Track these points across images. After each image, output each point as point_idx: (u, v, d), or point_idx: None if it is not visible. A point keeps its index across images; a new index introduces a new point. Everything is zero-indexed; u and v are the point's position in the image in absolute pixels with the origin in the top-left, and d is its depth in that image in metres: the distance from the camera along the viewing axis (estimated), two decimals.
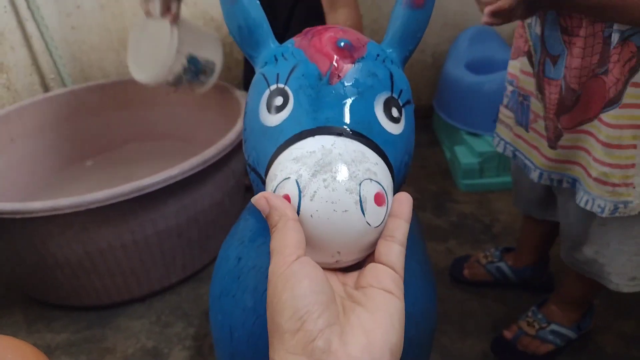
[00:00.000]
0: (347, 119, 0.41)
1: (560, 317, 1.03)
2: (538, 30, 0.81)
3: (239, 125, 1.25)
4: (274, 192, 0.37)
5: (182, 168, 1.09)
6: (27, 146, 1.51)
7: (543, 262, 1.18)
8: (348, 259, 0.37)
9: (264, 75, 0.45)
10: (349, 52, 0.43)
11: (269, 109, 0.43)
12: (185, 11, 1.76)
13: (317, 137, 0.39)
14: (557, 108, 0.83)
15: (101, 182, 1.59)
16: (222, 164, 1.20)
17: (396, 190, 0.43)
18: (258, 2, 0.47)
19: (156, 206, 1.12)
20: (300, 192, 0.35)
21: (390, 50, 0.48)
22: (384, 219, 0.37)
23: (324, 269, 0.35)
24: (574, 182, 0.87)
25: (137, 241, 1.15)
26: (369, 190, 0.36)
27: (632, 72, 0.71)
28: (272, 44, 0.48)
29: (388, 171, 0.39)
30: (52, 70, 1.75)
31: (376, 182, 0.36)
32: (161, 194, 1.10)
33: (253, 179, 0.47)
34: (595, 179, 0.78)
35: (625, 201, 0.77)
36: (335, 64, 0.42)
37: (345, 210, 0.35)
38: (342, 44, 0.43)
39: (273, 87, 0.43)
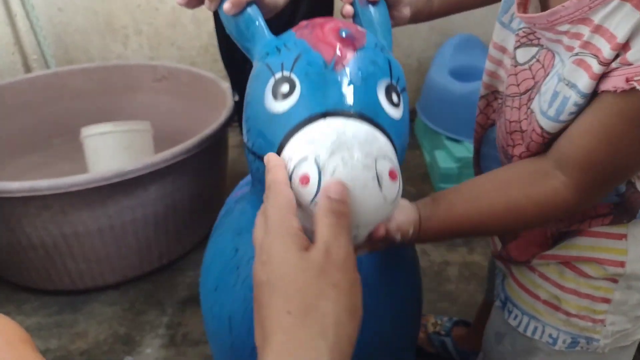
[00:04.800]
0: (354, 103, 0.42)
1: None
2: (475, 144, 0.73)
3: (223, 117, 1.25)
4: (292, 173, 0.38)
5: (164, 156, 1.09)
6: (5, 125, 1.48)
7: None
8: (365, 232, 0.40)
9: (267, 65, 0.46)
10: (351, 41, 0.44)
11: (275, 96, 0.44)
12: None
13: (327, 119, 0.40)
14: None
15: (80, 165, 1.58)
16: (204, 154, 1.20)
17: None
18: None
19: (136, 193, 1.12)
20: (319, 170, 0.37)
21: (377, 35, 0.51)
22: (397, 193, 0.39)
23: None
24: (505, 299, 0.68)
25: (114, 227, 1.14)
26: (384, 167, 0.38)
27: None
28: (268, 35, 0.50)
29: (395, 152, 0.42)
30: (36, 50, 1.73)
31: (389, 159, 0.39)
32: (142, 180, 1.10)
33: (255, 166, 0.48)
34: (545, 302, 0.62)
35: (588, 337, 0.62)
36: (339, 53, 0.44)
37: (364, 186, 0.37)
38: (344, 34, 0.44)
39: (278, 75, 0.44)
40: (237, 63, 1.33)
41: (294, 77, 0.43)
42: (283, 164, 0.39)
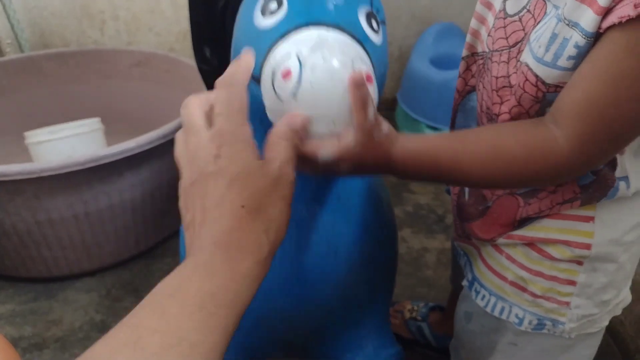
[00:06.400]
0: (336, 17, 0.45)
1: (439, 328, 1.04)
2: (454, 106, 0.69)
3: None
4: (274, 70, 0.41)
5: (139, 141, 1.08)
6: None
7: None
8: (340, 129, 0.42)
9: None
10: None
11: (263, 13, 0.46)
12: None
13: (311, 27, 0.43)
14: (460, 210, 0.68)
15: None
16: None
17: (376, 100, 0.47)
18: None
19: (111, 179, 1.10)
20: (301, 64, 0.40)
21: None
22: (374, 96, 0.42)
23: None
24: (473, 280, 0.68)
25: (90, 213, 1.13)
26: (361, 69, 0.40)
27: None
28: None
29: (373, 72, 0.44)
30: (9, 35, 1.69)
31: (367, 64, 0.42)
32: (117, 166, 1.08)
33: None
34: (512, 283, 0.62)
35: (554, 319, 0.61)
36: None
37: (341, 81, 0.40)
38: None
39: None
40: (216, 20, 1.29)
41: None
42: (246, 64, 0.41)
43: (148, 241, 1.29)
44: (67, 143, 1.32)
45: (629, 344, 1.06)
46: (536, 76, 0.47)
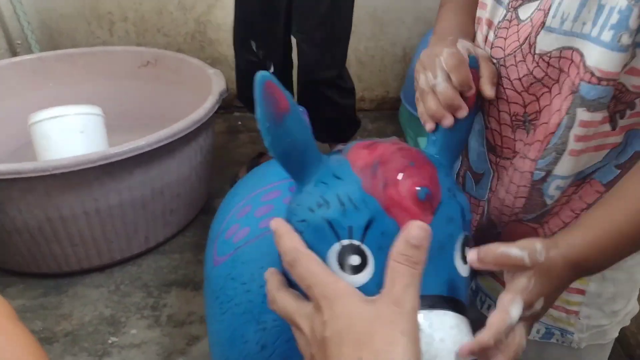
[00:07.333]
0: (436, 285, 0.38)
1: None
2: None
3: (209, 102, 1.26)
4: None
5: (149, 139, 1.10)
6: None
7: None
8: None
9: (330, 223, 0.38)
10: (429, 204, 0.38)
11: (342, 267, 0.38)
12: None
13: None
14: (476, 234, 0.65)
15: None
16: (190, 138, 1.21)
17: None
18: (305, 120, 0.41)
19: (122, 176, 1.13)
20: None
21: (444, 161, 0.48)
22: None
23: None
24: (477, 289, 0.68)
25: (100, 210, 1.15)
26: None
27: None
28: (322, 161, 0.42)
29: (470, 329, 0.39)
30: (20, 35, 1.72)
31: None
32: (127, 164, 1.10)
33: None
34: None
35: (562, 329, 0.61)
36: None
37: None
38: (422, 195, 0.38)
39: (346, 242, 0.38)
40: (275, 34, 1.34)
41: (365, 248, 0.37)
42: (292, 231, 0.37)
43: (156, 237, 1.31)
44: (80, 120, 1.30)
45: (635, 350, 1.07)
46: (581, 55, 0.46)
